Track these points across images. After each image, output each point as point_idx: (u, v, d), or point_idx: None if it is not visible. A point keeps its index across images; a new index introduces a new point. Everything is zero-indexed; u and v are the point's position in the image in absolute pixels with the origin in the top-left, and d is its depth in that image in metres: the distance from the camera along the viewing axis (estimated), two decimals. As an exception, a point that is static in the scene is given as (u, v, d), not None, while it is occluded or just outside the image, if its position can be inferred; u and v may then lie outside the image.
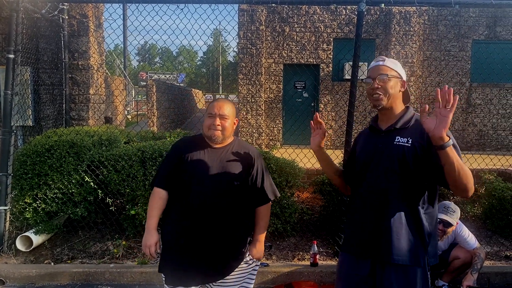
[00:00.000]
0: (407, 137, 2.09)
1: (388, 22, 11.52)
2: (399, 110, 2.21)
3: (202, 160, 2.39)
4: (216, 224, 2.34)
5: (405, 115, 2.18)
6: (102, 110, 7.69)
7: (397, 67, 2.21)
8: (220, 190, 2.35)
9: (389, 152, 2.12)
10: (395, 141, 2.11)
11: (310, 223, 5.27)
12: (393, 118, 2.20)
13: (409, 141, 2.08)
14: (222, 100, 2.48)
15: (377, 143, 2.19)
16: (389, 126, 2.19)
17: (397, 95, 2.19)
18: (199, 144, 2.47)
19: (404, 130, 2.13)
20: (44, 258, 4.48)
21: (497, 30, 11.63)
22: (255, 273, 2.59)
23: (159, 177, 2.47)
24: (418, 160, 2.05)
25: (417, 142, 2.06)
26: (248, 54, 11.43)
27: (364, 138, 2.34)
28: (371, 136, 2.27)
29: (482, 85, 11.75)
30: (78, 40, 6.86)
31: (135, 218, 4.58)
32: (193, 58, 63.46)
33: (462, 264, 3.83)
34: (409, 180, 2.07)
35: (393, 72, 2.18)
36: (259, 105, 11.58)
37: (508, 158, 6.71)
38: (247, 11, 11.32)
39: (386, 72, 2.17)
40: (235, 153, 2.46)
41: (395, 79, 2.18)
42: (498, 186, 5.24)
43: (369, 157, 2.20)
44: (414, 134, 2.09)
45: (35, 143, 4.72)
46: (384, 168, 2.12)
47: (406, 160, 2.06)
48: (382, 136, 2.20)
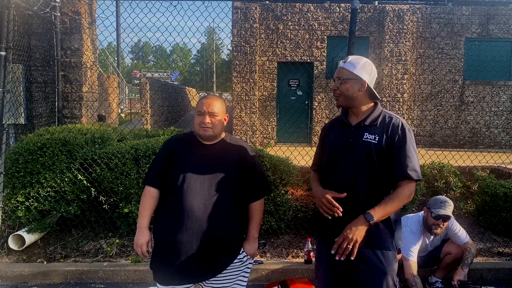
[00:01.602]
0: (374, 134, 2.26)
1: (382, 20, 11.54)
2: (366, 107, 2.35)
3: (194, 157, 2.39)
4: (209, 222, 2.32)
5: (373, 112, 2.33)
6: (95, 108, 7.64)
7: (356, 68, 2.30)
8: (213, 188, 2.34)
9: (358, 148, 2.27)
10: (363, 137, 2.27)
11: (304, 221, 5.27)
12: (361, 115, 2.35)
13: (376, 139, 2.25)
14: (211, 97, 2.47)
15: (347, 138, 2.32)
16: (358, 123, 2.33)
17: (356, 96, 2.31)
18: (190, 141, 2.46)
19: (372, 127, 2.29)
20: (36, 257, 4.45)
21: (490, 28, 11.69)
22: (249, 271, 2.58)
23: (151, 176, 2.46)
24: (382, 156, 2.25)
25: (382, 140, 2.24)
26: (242, 52, 11.41)
27: (335, 131, 2.44)
28: (341, 131, 2.39)
29: (475, 83, 11.82)
30: (71, 38, 6.82)
31: (129, 216, 4.57)
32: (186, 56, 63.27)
33: (454, 260, 3.85)
34: (375, 173, 2.25)
35: (350, 74, 2.30)
36: (253, 103, 11.57)
37: (500, 155, 6.76)
38: (240, 8, 11.30)
39: (341, 75, 2.32)
40: (227, 149, 2.45)
41: (352, 81, 2.29)
42: (490, 183, 5.27)
43: (340, 151, 2.33)
44: (381, 131, 2.26)
45: (27, 141, 4.68)
46: (353, 162, 2.28)
47: (372, 156, 2.24)
48: (352, 131, 2.33)
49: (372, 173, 2.24)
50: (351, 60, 2.33)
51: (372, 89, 2.33)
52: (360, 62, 2.32)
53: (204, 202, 2.32)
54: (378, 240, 2.25)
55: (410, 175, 2.19)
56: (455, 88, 11.87)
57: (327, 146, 2.43)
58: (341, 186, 2.28)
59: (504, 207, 5.02)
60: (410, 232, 3.71)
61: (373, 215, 2.14)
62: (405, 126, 2.26)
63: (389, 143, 2.23)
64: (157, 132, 6.26)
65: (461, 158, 6.03)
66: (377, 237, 2.24)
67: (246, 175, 2.45)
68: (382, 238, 2.26)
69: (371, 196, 2.24)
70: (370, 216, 2.14)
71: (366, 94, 2.33)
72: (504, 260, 4.49)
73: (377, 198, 2.23)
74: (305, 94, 11.96)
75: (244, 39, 11.37)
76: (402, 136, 2.23)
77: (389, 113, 2.34)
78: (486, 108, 11.90)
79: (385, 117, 2.30)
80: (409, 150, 2.22)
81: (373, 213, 2.14)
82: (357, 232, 2.14)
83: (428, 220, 3.72)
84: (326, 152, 2.42)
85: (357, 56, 2.39)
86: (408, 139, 2.23)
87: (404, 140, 2.23)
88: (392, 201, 2.19)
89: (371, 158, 2.23)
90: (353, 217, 2.21)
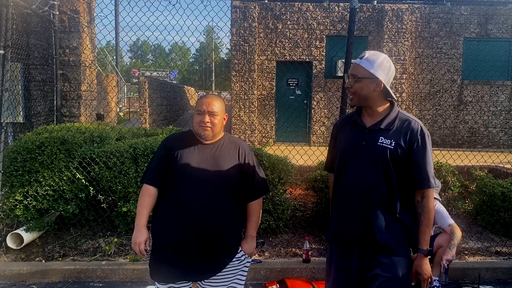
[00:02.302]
0: (390, 139, 2.15)
1: (381, 20, 11.55)
2: (381, 108, 2.22)
3: (192, 156, 2.38)
4: (208, 221, 2.32)
5: (390, 114, 2.21)
6: (94, 106, 7.63)
7: (373, 66, 2.16)
8: (211, 186, 2.34)
9: (372, 152, 2.17)
10: (378, 142, 2.16)
11: (302, 220, 5.28)
12: (376, 116, 2.22)
13: (392, 144, 2.14)
14: (210, 96, 2.46)
15: (361, 140, 2.21)
16: (373, 125, 2.21)
17: (370, 95, 2.18)
18: (189, 140, 2.45)
19: (388, 131, 2.17)
20: (35, 256, 4.45)
21: (488, 28, 11.70)
22: (247, 270, 2.58)
23: (148, 174, 2.45)
24: (398, 162, 2.14)
25: (399, 145, 2.13)
26: (241, 51, 11.40)
27: (347, 131, 2.34)
28: (354, 131, 2.28)
29: (474, 83, 11.83)
30: (69, 36, 6.80)
31: (127, 215, 4.56)
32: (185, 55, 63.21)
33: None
34: (390, 178, 2.15)
35: (365, 72, 2.16)
36: (252, 102, 11.57)
37: (498, 155, 6.78)
38: (239, 7, 11.29)
39: (356, 73, 2.18)
40: (226, 148, 2.45)
41: (367, 80, 2.16)
42: (488, 182, 5.29)
43: (351, 153, 2.23)
44: (398, 136, 2.15)
45: (25, 139, 4.67)
46: (367, 166, 2.18)
47: (388, 161, 2.14)
48: (365, 133, 2.22)
49: (387, 178, 2.15)
50: (368, 57, 2.18)
51: (389, 89, 2.19)
52: (378, 60, 2.17)
53: (203, 201, 2.32)
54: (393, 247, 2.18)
55: (432, 184, 2.15)
56: (453, 88, 11.89)
57: (339, 147, 2.35)
58: (353, 190, 2.22)
59: (502, 206, 5.04)
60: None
61: (423, 248, 2.17)
62: (424, 131, 2.16)
63: (407, 149, 2.13)
64: (155, 131, 6.25)
65: (459, 158, 6.04)
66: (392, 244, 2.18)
67: (245, 175, 2.45)
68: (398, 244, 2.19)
69: (385, 201, 2.17)
70: (422, 250, 2.17)
71: (382, 94, 2.20)
72: (502, 260, 4.50)
73: (391, 203, 2.17)
74: (304, 94, 11.96)
75: (243, 38, 11.36)
76: (422, 142, 2.14)
77: (406, 115, 2.23)
78: (484, 107, 11.91)
79: (403, 120, 2.18)
80: (429, 157, 2.15)
81: (422, 246, 2.17)
82: (425, 270, 2.18)
83: None
84: (337, 153, 2.35)
85: (374, 52, 2.22)
86: (427, 145, 2.15)
87: (424, 145, 2.14)
88: (427, 222, 2.17)
89: (386, 163, 2.13)
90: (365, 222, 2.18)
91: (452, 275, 4.16)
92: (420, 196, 2.17)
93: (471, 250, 4.70)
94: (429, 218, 2.16)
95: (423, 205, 2.16)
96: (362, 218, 2.19)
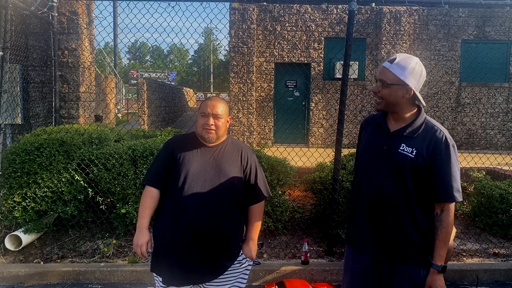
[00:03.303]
0: (412, 147, 2.07)
1: (379, 22, 11.58)
2: (408, 113, 2.14)
3: (195, 159, 2.37)
4: (209, 224, 2.32)
5: (416, 121, 2.12)
6: (93, 108, 7.63)
7: (404, 73, 2.06)
8: (214, 189, 2.34)
9: (392, 158, 2.10)
10: (400, 149, 2.08)
11: (301, 222, 5.28)
12: (401, 121, 2.15)
13: (413, 152, 2.06)
14: (215, 98, 2.45)
15: (383, 144, 2.16)
16: (397, 131, 2.14)
17: (398, 101, 2.10)
18: (192, 142, 2.44)
19: (412, 138, 2.09)
20: (33, 258, 4.44)
21: (486, 30, 11.74)
22: (248, 273, 2.58)
23: (150, 175, 2.44)
24: (417, 173, 2.07)
25: (420, 155, 2.05)
26: (240, 53, 11.42)
27: (370, 133, 2.28)
28: (377, 134, 2.22)
29: (471, 85, 11.86)
30: (68, 38, 6.81)
31: (126, 217, 4.56)
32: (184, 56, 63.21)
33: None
34: (408, 186, 2.08)
35: (395, 79, 2.06)
36: (250, 103, 11.58)
37: (496, 157, 6.79)
38: (238, 9, 11.31)
39: (385, 79, 2.09)
40: (228, 151, 2.44)
41: (397, 86, 2.07)
42: (486, 184, 5.30)
43: (372, 157, 2.20)
44: (420, 145, 2.07)
45: (24, 141, 4.67)
46: (385, 172, 2.13)
47: (406, 170, 2.07)
48: (388, 137, 2.16)
49: (405, 186, 2.08)
50: (399, 62, 2.07)
51: (418, 95, 2.10)
52: (409, 66, 2.06)
53: (205, 204, 2.31)
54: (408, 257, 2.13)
55: (456, 198, 2.04)
56: (451, 90, 11.92)
57: (360, 148, 2.32)
58: (370, 194, 2.18)
59: (500, 208, 5.05)
60: None
61: (437, 263, 2.05)
62: (449, 141, 2.06)
63: (429, 159, 2.04)
64: (154, 132, 6.26)
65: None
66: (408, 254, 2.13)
67: (247, 178, 2.45)
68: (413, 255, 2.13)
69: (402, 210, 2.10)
70: (436, 265, 2.05)
71: (410, 100, 2.11)
72: (500, 261, 4.51)
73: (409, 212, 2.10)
74: (302, 95, 11.97)
75: (241, 40, 11.38)
76: (446, 152, 2.04)
77: (432, 122, 2.13)
78: (482, 109, 11.95)
79: (428, 128, 2.09)
80: (453, 169, 2.04)
81: (436, 261, 2.05)
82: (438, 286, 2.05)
83: None
84: (359, 153, 2.32)
85: (406, 56, 2.10)
86: (452, 156, 2.05)
87: (448, 157, 2.04)
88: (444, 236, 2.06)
89: (405, 172, 2.06)
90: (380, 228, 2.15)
91: (450, 276, 4.17)
92: (439, 209, 2.08)
93: (469, 252, 4.71)
94: (447, 232, 2.05)
95: (442, 218, 2.06)
96: (377, 224, 2.16)
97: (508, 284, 4.20)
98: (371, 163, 2.19)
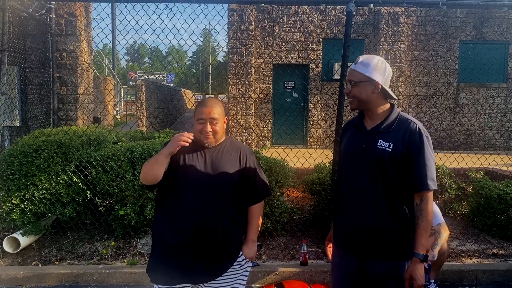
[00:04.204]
0: (389, 141, 2.16)
1: (377, 23, 11.59)
2: (381, 110, 2.25)
3: (194, 160, 2.37)
4: (210, 225, 2.31)
5: (390, 116, 2.22)
6: (91, 110, 7.62)
7: (368, 69, 2.19)
8: (213, 190, 2.33)
9: (371, 155, 2.19)
10: (377, 144, 2.18)
11: (300, 223, 5.28)
12: (377, 118, 2.25)
13: (390, 146, 2.15)
14: (209, 103, 2.40)
15: (361, 143, 2.25)
16: (373, 128, 2.24)
17: (370, 98, 2.22)
18: (191, 144, 2.42)
19: (387, 133, 2.18)
20: (31, 260, 4.43)
21: (484, 30, 11.77)
22: (247, 274, 2.57)
23: None
24: (396, 165, 2.15)
25: (397, 148, 2.14)
26: (238, 54, 11.42)
27: (350, 135, 2.38)
28: (356, 134, 2.32)
29: (469, 85, 11.88)
30: (66, 40, 6.80)
31: (124, 219, 4.55)
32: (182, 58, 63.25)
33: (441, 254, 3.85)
34: (388, 181, 2.16)
35: (361, 76, 2.20)
36: (249, 105, 11.58)
37: (495, 157, 6.79)
38: (236, 11, 11.31)
39: (352, 78, 2.22)
40: (227, 152, 2.44)
41: (365, 83, 2.19)
42: (485, 184, 5.30)
43: (352, 156, 2.27)
44: (396, 138, 2.16)
45: (22, 143, 4.66)
46: (365, 169, 2.21)
47: (386, 164, 2.15)
48: (366, 136, 2.25)
49: (385, 181, 2.15)
50: (362, 61, 2.22)
51: (387, 89, 2.21)
52: (372, 63, 2.20)
53: (205, 205, 2.31)
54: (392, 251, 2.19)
55: (430, 186, 2.12)
56: (449, 90, 11.93)
57: (342, 151, 2.40)
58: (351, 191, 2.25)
59: (499, 208, 5.05)
60: None
61: (419, 252, 2.10)
62: (422, 131, 2.15)
63: (406, 150, 2.13)
64: (152, 134, 6.26)
65: (455, 160, 6.06)
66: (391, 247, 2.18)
67: (246, 178, 2.45)
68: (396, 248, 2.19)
69: (384, 204, 2.17)
70: (418, 254, 2.10)
71: (381, 95, 2.22)
72: (499, 262, 4.51)
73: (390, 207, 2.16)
74: (301, 96, 11.98)
75: (240, 41, 11.38)
76: (420, 143, 2.13)
77: (406, 116, 2.23)
78: (480, 110, 11.96)
79: (401, 122, 2.19)
80: (427, 159, 2.12)
81: (418, 250, 2.10)
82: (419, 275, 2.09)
83: None
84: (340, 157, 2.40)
85: (368, 56, 2.25)
86: (426, 146, 2.13)
87: (422, 147, 2.13)
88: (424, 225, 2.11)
89: (384, 166, 2.14)
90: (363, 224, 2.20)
91: (449, 277, 4.18)
92: (418, 199, 2.15)
93: (468, 253, 4.71)
94: (427, 221, 2.12)
95: (421, 208, 2.13)
96: (360, 220, 2.22)
97: (507, 285, 4.20)
98: (352, 164, 2.27)
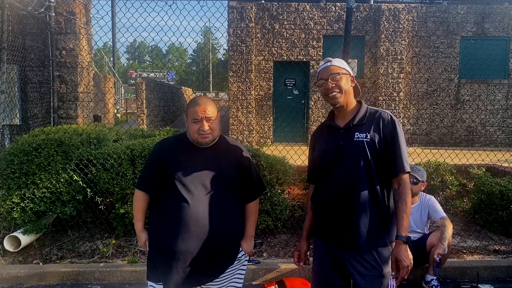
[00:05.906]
0: (365, 132, 2.26)
1: (377, 19, 11.56)
2: (352, 106, 2.36)
3: (189, 162, 2.33)
4: (214, 226, 2.29)
5: (360, 111, 2.34)
6: (91, 108, 7.62)
7: (343, 64, 2.35)
8: (213, 191, 2.31)
9: (351, 148, 2.26)
10: (355, 137, 2.26)
11: (300, 220, 5.27)
12: (349, 115, 2.35)
13: (367, 136, 2.25)
14: (201, 101, 2.35)
15: (338, 140, 2.31)
16: (347, 124, 2.33)
17: (350, 91, 2.34)
18: (183, 145, 2.39)
19: (361, 125, 2.28)
20: (32, 258, 4.43)
21: (485, 26, 11.73)
22: (245, 268, 2.58)
23: (142, 181, 2.41)
24: (376, 152, 2.25)
25: (374, 136, 2.25)
26: (238, 52, 11.40)
27: (324, 137, 2.43)
28: (331, 134, 2.38)
29: (471, 82, 11.85)
30: (66, 38, 6.79)
31: (125, 217, 4.55)
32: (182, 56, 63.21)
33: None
34: (371, 170, 2.24)
35: (342, 70, 2.32)
36: (249, 102, 11.56)
37: (496, 154, 6.78)
38: (236, 8, 11.29)
39: (337, 71, 2.31)
40: (222, 150, 2.41)
41: (346, 75, 2.32)
42: (486, 181, 5.29)
43: (333, 154, 2.32)
44: (370, 127, 2.27)
45: (22, 142, 4.65)
46: (349, 163, 2.27)
47: (366, 153, 2.23)
48: (341, 133, 2.32)
49: (368, 170, 2.24)
50: (335, 59, 2.37)
51: (357, 85, 2.39)
52: (343, 61, 2.38)
53: (207, 207, 2.28)
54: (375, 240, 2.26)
55: (406, 168, 2.23)
56: (450, 87, 11.91)
57: (319, 152, 2.41)
58: (337, 189, 2.29)
59: (500, 205, 5.04)
60: None
61: (402, 234, 2.17)
62: (394, 119, 2.29)
63: (383, 138, 2.25)
64: (153, 132, 6.24)
65: (457, 157, 6.05)
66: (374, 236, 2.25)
67: (243, 177, 2.43)
68: (379, 236, 2.27)
69: (369, 195, 2.24)
70: (401, 236, 2.18)
71: (354, 91, 2.38)
72: (500, 258, 4.50)
73: (374, 197, 2.24)
74: (301, 94, 11.96)
75: (240, 38, 11.36)
76: (393, 129, 2.26)
77: (375, 108, 2.36)
78: (481, 106, 11.94)
79: (373, 113, 2.32)
80: (402, 143, 2.26)
81: (401, 232, 2.18)
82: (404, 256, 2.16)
83: None
84: (318, 158, 2.42)
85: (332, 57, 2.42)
86: (400, 132, 2.27)
87: (396, 133, 2.25)
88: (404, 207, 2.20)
89: (365, 156, 2.23)
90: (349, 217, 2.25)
91: (450, 274, 4.17)
92: (397, 184, 2.25)
93: (469, 249, 4.70)
94: (407, 204, 2.20)
95: (400, 192, 2.22)
96: (345, 213, 2.27)
97: (509, 281, 4.19)
98: (332, 160, 2.31)
